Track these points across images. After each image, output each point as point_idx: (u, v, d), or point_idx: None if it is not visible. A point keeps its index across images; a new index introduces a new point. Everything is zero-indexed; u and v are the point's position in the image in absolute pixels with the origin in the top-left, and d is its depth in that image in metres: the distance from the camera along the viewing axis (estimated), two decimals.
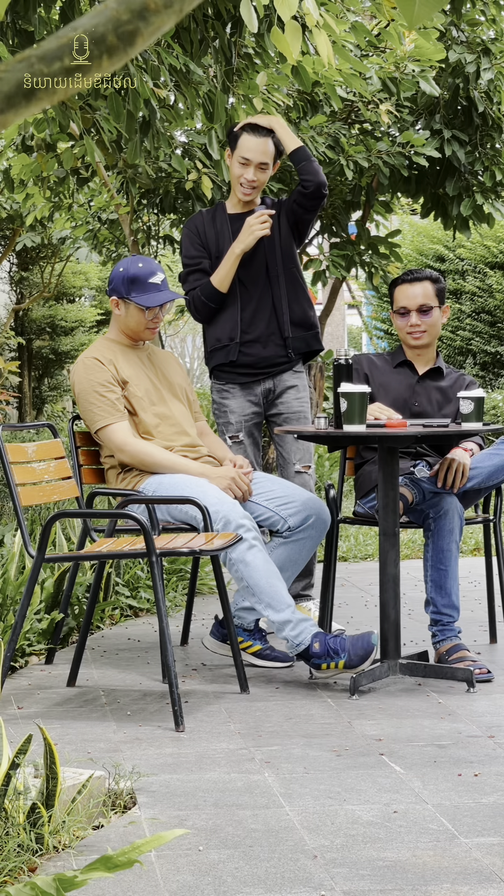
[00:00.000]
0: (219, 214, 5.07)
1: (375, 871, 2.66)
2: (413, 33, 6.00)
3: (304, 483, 5.10)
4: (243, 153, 4.89)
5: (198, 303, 4.99)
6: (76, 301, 16.96)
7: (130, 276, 4.54)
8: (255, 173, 4.91)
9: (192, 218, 5.12)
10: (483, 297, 15.36)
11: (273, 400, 5.10)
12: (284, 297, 5.03)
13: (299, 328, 5.07)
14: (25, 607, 4.19)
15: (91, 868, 2.09)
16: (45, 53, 0.93)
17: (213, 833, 2.89)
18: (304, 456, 5.14)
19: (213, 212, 5.10)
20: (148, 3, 0.90)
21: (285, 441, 5.13)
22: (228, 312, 5.00)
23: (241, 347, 5.01)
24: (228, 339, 5.01)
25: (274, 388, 5.09)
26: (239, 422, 5.04)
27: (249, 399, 5.06)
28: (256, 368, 5.04)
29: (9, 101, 0.92)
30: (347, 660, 4.18)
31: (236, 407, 5.04)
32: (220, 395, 5.08)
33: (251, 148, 4.87)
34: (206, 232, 5.02)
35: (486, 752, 3.56)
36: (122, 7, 0.91)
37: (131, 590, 5.76)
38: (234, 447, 5.02)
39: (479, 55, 6.53)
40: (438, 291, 4.86)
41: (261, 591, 4.27)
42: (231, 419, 5.04)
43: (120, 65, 0.94)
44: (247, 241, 4.89)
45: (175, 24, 0.94)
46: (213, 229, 5.02)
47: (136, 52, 0.94)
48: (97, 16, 0.92)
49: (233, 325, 5.00)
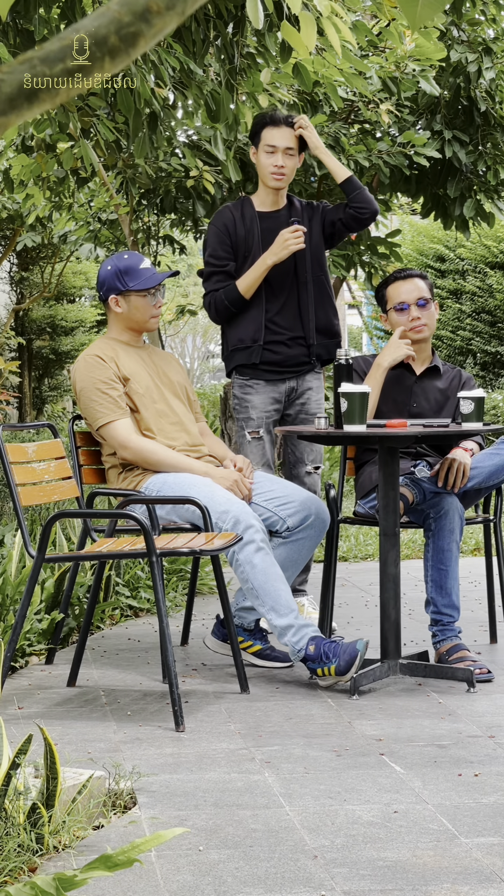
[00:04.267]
0: (247, 211, 5.07)
1: (376, 871, 2.66)
2: (414, 33, 6.00)
3: (313, 483, 5.15)
4: (268, 141, 4.95)
5: (220, 305, 5.01)
6: (76, 301, 16.97)
7: (122, 269, 4.54)
8: (283, 159, 4.95)
9: (221, 213, 5.11)
10: (483, 297, 15.36)
11: (294, 400, 5.14)
12: (311, 303, 5.07)
13: (323, 335, 5.11)
14: (25, 607, 4.19)
15: (91, 867, 2.09)
16: (47, 55, 0.93)
17: (214, 833, 2.90)
18: (317, 457, 5.20)
19: (240, 206, 5.09)
20: (150, 4, 0.91)
21: (300, 442, 5.15)
22: (253, 314, 5.02)
23: (267, 346, 5.03)
24: (251, 341, 5.03)
25: (297, 387, 5.13)
26: (260, 417, 5.07)
27: (273, 396, 5.09)
28: (283, 367, 5.07)
29: (11, 102, 0.92)
30: (338, 665, 4.18)
31: (259, 403, 5.08)
32: (242, 391, 5.10)
33: (274, 136, 4.94)
34: (237, 230, 5.03)
35: (487, 752, 3.56)
36: (125, 9, 0.91)
37: (131, 590, 5.76)
38: (252, 443, 5.04)
39: (481, 54, 6.53)
40: (429, 287, 4.88)
41: (265, 594, 4.28)
42: (252, 415, 5.07)
43: (122, 66, 0.94)
44: (280, 254, 4.92)
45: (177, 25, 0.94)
46: (242, 227, 5.03)
47: (139, 53, 0.94)
48: (99, 17, 0.92)
49: (257, 327, 5.01)
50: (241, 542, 4.26)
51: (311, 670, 4.24)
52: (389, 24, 5.73)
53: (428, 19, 1.13)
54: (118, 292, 4.56)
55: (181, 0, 0.93)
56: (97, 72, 0.95)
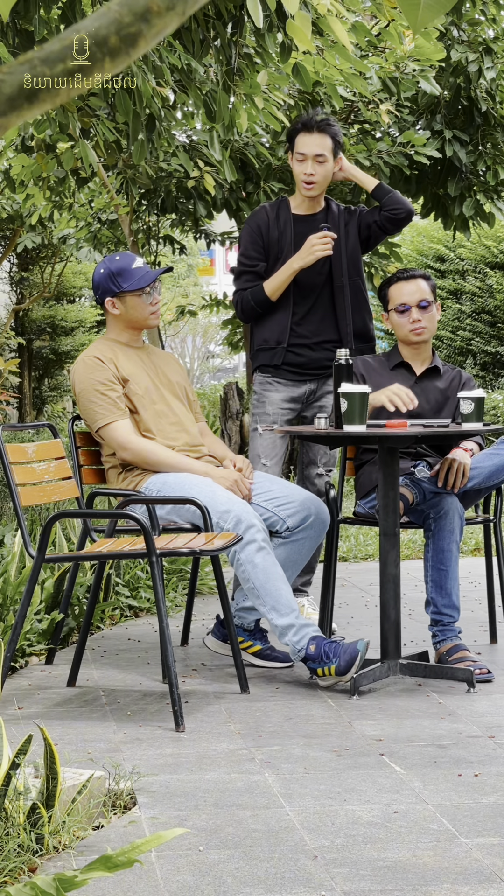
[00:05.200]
0: (283, 213, 5.08)
1: (376, 871, 2.66)
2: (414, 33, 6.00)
3: (323, 485, 5.17)
4: (299, 149, 4.97)
5: (246, 306, 5.04)
6: (76, 301, 16.96)
7: (114, 271, 4.55)
8: (313, 167, 4.95)
9: (257, 213, 5.12)
10: (483, 297, 15.36)
11: (313, 402, 5.16)
12: (348, 307, 5.09)
13: (359, 340, 5.15)
14: (25, 607, 4.19)
15: (91, 868, 2.09)
16: (47, 55, 0.93)
17: (214, 833, 2.90)
18: (331, 460, 5.24)
19: (276, 207, 5.10)
20: (150, 5, 0.91)
21: (315, 444, 5.18)
22: (279, 316, 5.05)
23: (290, 349, 5.06)
24: (276, 343, 5.06)
25: (316, 390, 5.15)
26: (275, 413, 5.10)
27: (291, 396, 5.13)
28: (304, 369, 5.09)
29: (11, 103, 0.92)
30: (338, 665, 4.18)
31: (276, 399, 5.12)
32: (262, 387, 5.14)
33: (305, 143, 4.95)
34: (270, 232, 5.04)
35: (487, 752, 3.56)
36: (125, 9, 0.91)
37: (131, 590, 5.76)
38: (264, 435, 5.06)
39: (481, 54, 6.54)
40: (431, 288, 4.88)
41: (266, 593, 4.28)
42: (268, 409, 5.11)
43: (123, 67, 0.94)
44: (307, 259, 4.94)
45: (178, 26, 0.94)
46: (276, 229, 5.05)
47: (139, 54, 0.94)
48: (100, 18, 0.92)
49: (282, 330, 5.04)
50: (243, 541, 4.26)
51: (312, 670, 4.24)
52: (389, 24, 5.73)
53: (429, 22, 1.13)
54: (113, 294, 4.56)
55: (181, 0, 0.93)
56: (98, 72, 0.95)
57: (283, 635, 4.25)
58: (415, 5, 1.13)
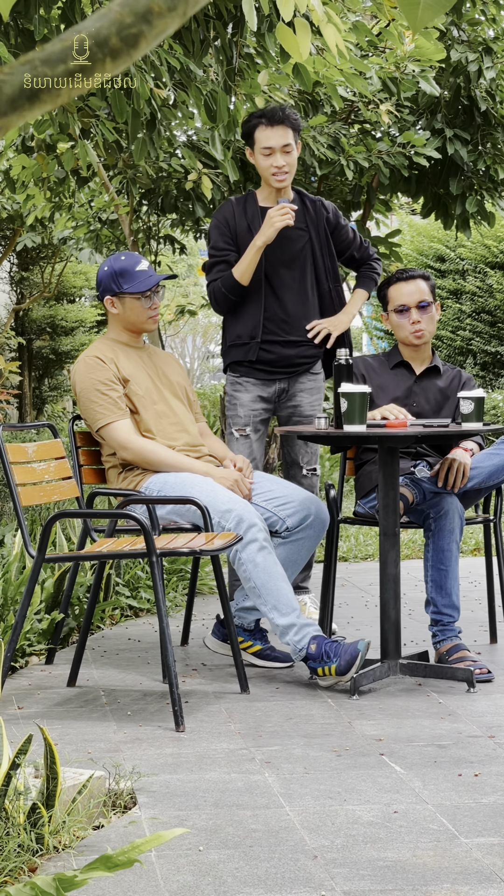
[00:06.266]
0: (250, 205, 5.05)
1: (376, 871, 2.66)
2: (414, 34, 6.00)
3: (311, 486, 5.13)
4: (263, 144, 4.91)
5: (218, 294, 4.99)
6: (76, 301, 16.96)
7: (117, 271, 4.54)
8: (282, 158, 4.92)
9: (222, 207, 5.10)
10: (483, 297, 15.35)
11: (285, 401, 5.12)
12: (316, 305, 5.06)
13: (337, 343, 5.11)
14: (26, 607, 4.19)
15: (91, 868, 2.09)
16: (48, 56, 0.93)
17: (214, 833, 2.90)
18: (312, 458, 5.17)
19: (243, 201, 5.07)
20: (152, 6, 0.91)
21: (294, 443, 5.13)
22: (251, 310, 5.00)
23: (263, 345, 5.02)
24: (249, 338, 5.01)
25: (288, 388, 5.10)
26: (248, 415, 5.05)
27: (261, 395, 5.07)
28: (275, 367, 5.05)
29: (12, 103, 0.92)
30: (338, 665, 4.18)
31: (247, 401, 5.05)
32: (233, 388, 5.09)
33: (270, 136, 4.90)
34: (238, 224, 5.01)
35: (487, 752, 3.56)
36: (126, 10, 0.91)
37: (131, 590, 5.76)
38: (240, 440, 5.03)
39: (481, 54, 6.54)
40: (431, 288, 4.88)
41: (267, 593, 4.28)
42: (240, 412, 5.05)
43: (124, 68, 0.95)
44: (267, 233, 4.88)
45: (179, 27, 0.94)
46: (244, 220, 5.01)
47: (140, 54, 0.94)
48: (101, 18, 0.92)
49: (255, 324, 5.00)
50: (244, 540, 4.26)
51: (312, 670, 4.25)
52: (389, 24, 5.73)
53: (429, 22, 1.13)
54: (113, 294, 4.56)
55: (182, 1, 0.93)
56: (99, 73, 0.95)
57: (284, 635, 4.25)
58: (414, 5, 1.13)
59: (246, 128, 4.97)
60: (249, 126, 4.95)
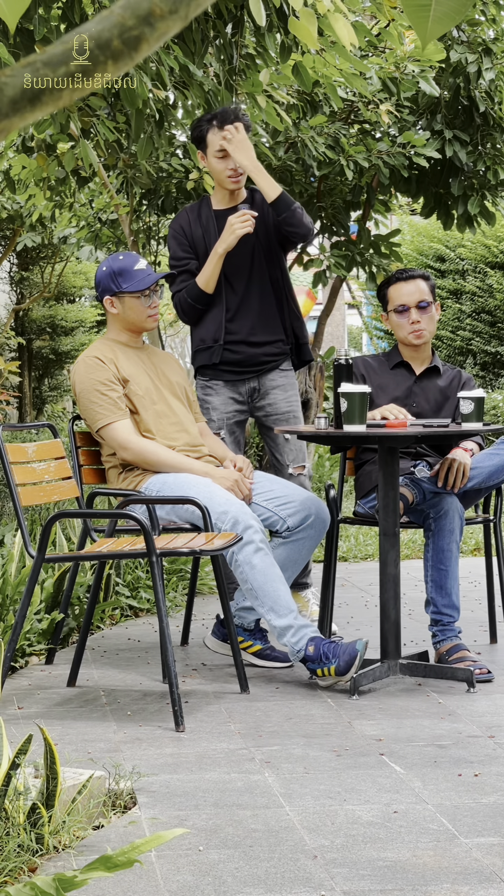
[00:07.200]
0: (204, 211, 5.01)
1: (375, 871, 2.67)
2: (413, 33, 6.01)
3: (301, 485, 5.08)
4: (216, 147, 4.84)
5: (184, 305, 4.95)
6: (76, 301, 16.96)
7: (116, 270, 4.55)
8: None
9: (177, 217, 5.05)
10: (483, 297, 15.36)
11: (258, 400, 5.08)
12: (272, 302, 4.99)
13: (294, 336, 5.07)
14: (25, 607, 4.19)
15: (91, 868, 2.09)
16: (50, 58, 0.93)
17: (214, 833, 2.90)
18: (298, 456, 5.11)
19: (197, 208, 5.03)
20: (153, 8, 0.91)
21: (278, 443, 5.10)
22: (213, 314, 4.97)
23: (227, 347, 4.98)
24: (212, 341, 4.98)
25: (259, 387, 5.06)
26: (221, 419, 5.01)
27: (232, 397, 5.03)
28: (242, 367, 5.01)
29: (14, 105, 0.93)
30: (338, 665, 4.18)
31: (219, 404, 5.02)
32: (203, 392, 5.06)
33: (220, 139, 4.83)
34: (193, 231, 4.98)
35: (487, 752, 3.56)
36: (128, 12, 0.91)
37: (131, 590, 5.76)
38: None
39: (481, 55, 6.54)
40: (431, 288, 4.88)
41: (265, 594, 4.28)
42: (213, 416, 5.01)
43: (125, 69, 0.95)
44: (228, 240, 4.82)
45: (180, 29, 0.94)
46: (199, 227, 4.97)
47: (142, 57, 0.95)
48: (103, 21, 0.93)
49: (217, 327, 4.97)
50: (241, 542, 4.26)
51: (311, 671, 4.25)
52: (389, 24, 5.73)
53: (438, 34, 1.14)
54: (112, 293, 4.56)
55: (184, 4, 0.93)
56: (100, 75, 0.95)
57: (282, 636, 4.26)
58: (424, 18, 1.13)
59: (197, 132, 4.89)
60: (200, 130, 4.87)
